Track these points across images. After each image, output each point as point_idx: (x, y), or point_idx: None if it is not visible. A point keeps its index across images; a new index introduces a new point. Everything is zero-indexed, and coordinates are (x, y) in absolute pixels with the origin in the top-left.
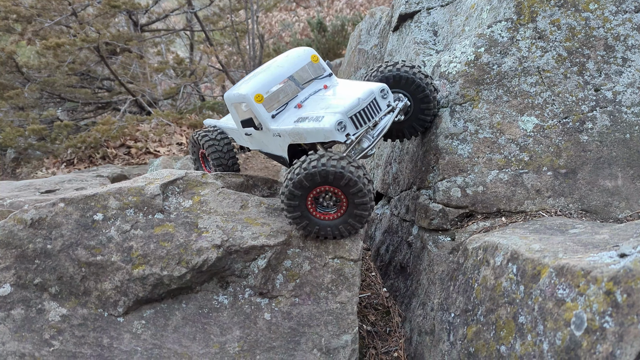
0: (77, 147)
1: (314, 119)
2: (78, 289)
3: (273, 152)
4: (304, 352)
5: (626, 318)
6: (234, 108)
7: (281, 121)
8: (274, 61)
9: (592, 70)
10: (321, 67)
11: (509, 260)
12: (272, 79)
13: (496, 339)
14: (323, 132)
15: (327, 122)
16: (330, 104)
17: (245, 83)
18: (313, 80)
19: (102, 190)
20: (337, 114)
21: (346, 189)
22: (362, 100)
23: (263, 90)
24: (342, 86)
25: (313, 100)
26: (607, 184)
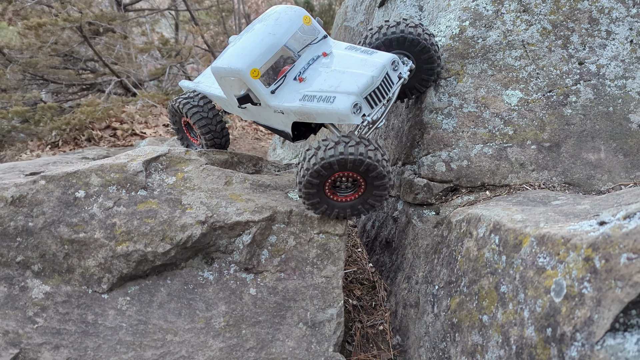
0: (61, 129)
1: (324, 99)
2: (61, 267)
3: (273, 126)
4: (289, 326)
5: (604, 283)
6: (223, 81)
7: (282, 97)
8: (263, 26)
9: (577, 43)
10: (314, 28)
11: (492, 231)
12: (267, 50)
13: (479, 309)
14: (337, 114)
15: (342, 104)
16: (341, 83)
17: (236, 55)
18: (308, 45)
19: (84, 167)
20: (352, 95)
21: (365, 173)
22: (375, 79)
23: (259, 64)
24: (345, 56)
25: (315, 72)
26: (590, 157)
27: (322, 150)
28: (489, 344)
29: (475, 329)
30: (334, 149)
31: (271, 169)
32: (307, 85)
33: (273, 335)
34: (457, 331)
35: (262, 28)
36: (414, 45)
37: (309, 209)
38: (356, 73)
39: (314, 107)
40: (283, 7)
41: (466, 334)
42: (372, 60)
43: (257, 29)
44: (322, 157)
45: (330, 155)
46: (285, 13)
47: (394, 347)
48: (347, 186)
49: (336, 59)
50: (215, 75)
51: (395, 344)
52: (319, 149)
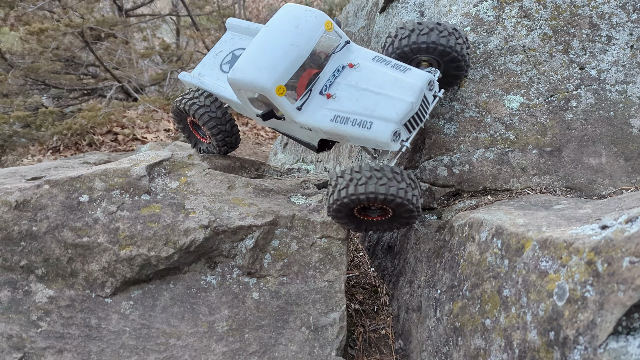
0: (62, 134)
1: (359, 123)
2: (65, 271)
3: (296, 137)
4: (292, 330)
5: (607, 287)
6: (242, 93)
7: (310, 114)
8: (283, 34)
9: (577, 48)
10: (336, 34)
11: (494, 235)
12: (291, 64)
13: (481, 313)
14: (375, 141)
15: (381, 133)
16: (377, 107)
17: (258, 68)
18: (332, 54)
19: (88, 171)
20: (391, 123)
21: (395, 208)
22: (414, 105)
23: (284, 80)
24: (375, 70)
25: (344, 88)
26: (592, 161)
27: (353, 186)
28: (492, 348)
29: (477, 332)
30: (365, 186)
31: (273, 173)
32: (337, 104)
33: (276, 340)
34: (459, 335)
35: (282, 36)
36: (444, 55)
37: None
38: (393, 97)
39: (348, 130)
40: (302, 11)
41: (469, 338)
42: (407, 82)
43: (276, 36)
44: (352, 193)
45: (360, 193)
46: (306, 19)
47: (396, 351)
48: (377, 209)
49: (365, 73)
50: (232, 87)
51: (398, 348)
52: (350, 181)
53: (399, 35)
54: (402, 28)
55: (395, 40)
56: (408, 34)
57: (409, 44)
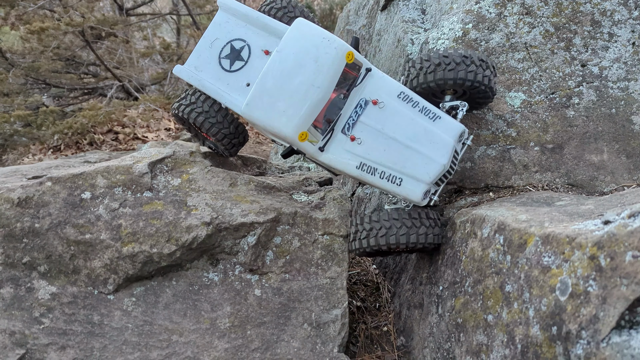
0: (63, 133)
1: (388, 177)
2: (67, 267)
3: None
4: (294, 327)
5: (609, 281)
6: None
7: (334, 155)
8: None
9: (579, 45)
10: (357, 62)
11: (496, 231)
12: (313, 109)
13: (483, 309)
14: (405, 198)
15: (412, 193)
16: (407, 163)
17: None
18: (352, 88)
19: (90, 168)
20: (422, 184)
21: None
22: (446, 166)
23: (306, 126)
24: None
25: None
26: (593, 158)
27: (374, 237)
28: (494, 344)
29: (480, 328)
30: (385, 238)
31: (275, 171)
32: (363, 151)
33: (278, 336)
34: (461, 331)
35: (301, 72)
36: (458, 85)
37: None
38: (424, 155)
39: (376, 182)
40: (320, 40)
41: (471, 334)
42: (439, 137)
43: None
44: (374, 244)
45: (382, 244)
46: (325, 51)
47: (398, 348)
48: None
49: (391, 116)
50: (248, 120)
51: (400, 344)
52: (371, 232)
53: (424, 68)
54: (427, 60)
55: (420, 73)
56: (434, 68)
57: (434, 79)
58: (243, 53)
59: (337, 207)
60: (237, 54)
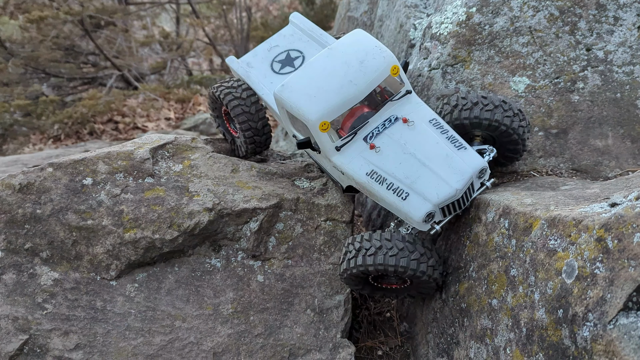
0: (63, 122)
1: (395, 189)
2: (69, 254)
3: (327, 171)
4: (297, 313)
5: (617, 263)
6: (284, 111)
7: (347, 158)
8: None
9: (584, 29)
10: (399, 80)
11: (501, 215)
12: (343, 102)
13: (488, 293)
14: (405, 215)
15: (414, 210)
16: (419, 179)
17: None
18: (388, 101)
19: (91, 154)
20: (428, 202)
21: (409, 278)
22: (459, 192)
23: (331, 117)
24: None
25: (391, 145)
26: (598, 143)
27: (362, 256)
28: (499, 328)
29: (484, 313)
30: (373, 257)
31: (277, 157)
32: (378, 159)
33: (281, 322)
34: (465, 316)
35: (343, 68)
36: (492, 129)
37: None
38: (439, 176)
39: (381, 192)
40: (372, 46)
41: (475, 319)
42: (459, 164)
43: (338, 65)
44: (360, 264)
45: (369, 264)
46: (373, 57)
47: (401, 333)
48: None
49: (417, 135)
50: (277, 103)
51: (403, 330)
52: (359, 252)
53: (459, 105)
54: (464, 98)
55: (455, 110)
56: (470, 106)
57: (469, 117)
58: (296, 61)
59: (339, 193)
60: (290, 61)
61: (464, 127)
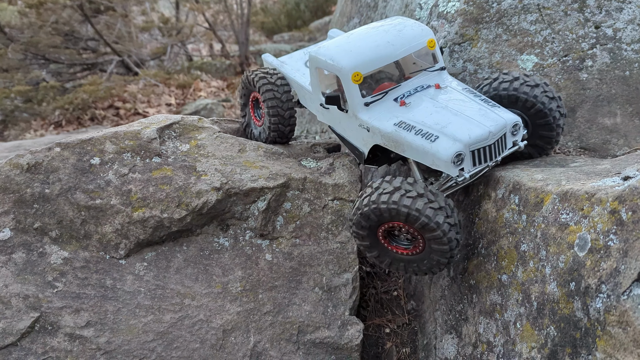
0: (64, 108)
1: (424, 134)
2: (78, 233)
3: (349, 139)
4: (305, 291)
5: (631, 234)
6: (316, 72)
7: (376, 114)
8: (383, 32)
9: (593, 7)
10: (435, 55)
11: (511, 191)
12: (379, 58)
13: (497, 269)
14: (433, 157)
15: (444, 149)
16: (450, 124)
17: (343, 50)
18: (422, 71)
19: (98, 134)
20: (458, 142)
21: (422, 231)
22: (492, 135)
23: (364, 69)
24: (461, 97)
25: (422, 101)
26: (606, 121)
27: (377, 195)
28: (509, 303)
29: (493, 289)
30: (388, 195)
31: None
32: (407, 112)
33: (290, 300)
34: (474, 292)
35: (381, 33)
36: (528, 107)
37: (361, 249)
38: (472, 119)
39: (409, 138)
40: (411, 21)
41: (484, 295)
42: (493, 114)
43: (375, 32)
44: (374, 202)
45: (383, 202)
46: (411, 27)
47: (408, 312)
48: (405, 238)
49: (449, 95)
50: (310, 62)
51: (410, 309)
52: (374, 192)
53: (499, 78)
54: (506, 74)
55: (495, 82)
56: (511, 79)
57: (508, 88)
58: None
59: (346, 172)
60: None
61: (500, 101)
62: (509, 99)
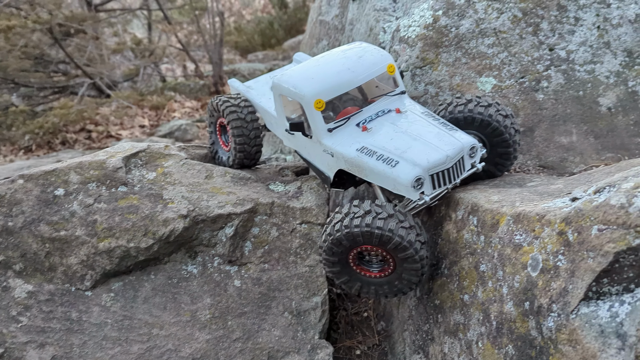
0: (34, 132)
1: (385, 159)
2: (43, 265)
3: (314, 164)
4: (275, 316)
5: (577, 255)
6: (280, 98)
7: (339, 140)
8: (343, 59)
9: (546, 30)
10: (395, 80)
11: (470, 212)
12: (340, 84)
13: (459, 289)
14: (394, 182)
15: (404, 174)
16: (410, 149)
17: (305, 77)
18: (382, 96)
19: (62, 165)
20: (418, 167)
21: (394, 252)
22: (449, 159)
23: (326, 96)
24: (420, 121)
25: (383, 126)
26: (563, 140)
27: (349, 219)
28: (471, 322)
29: (457, 308)
30: (360, 219)
31: None
32: (369, 137)
33: (259, 325)
34: (439, 312)
35: (342, 60)
36: (484, 126)
37: (330, 277)
38: (430, 144)
39: (371, 164)
40: (370, 46)
41: (448, 314)
42: (450, 137)
43: (336, 58)
44: (346, 226)
45: (355, 225)
46: (371, 53)
47: (378, 332)
48: (376, 260)
49: (409, 120)
50: (273, 89)
51: (380, 329)
52: (346, 217)
53: (454, 102)
54: (459, 97)
55: (450, 106)
56: (465, 102)
57: (464, 111)
58: None
59: (314, 195)
60: None
61: (457, 123)
62: (465, 121)
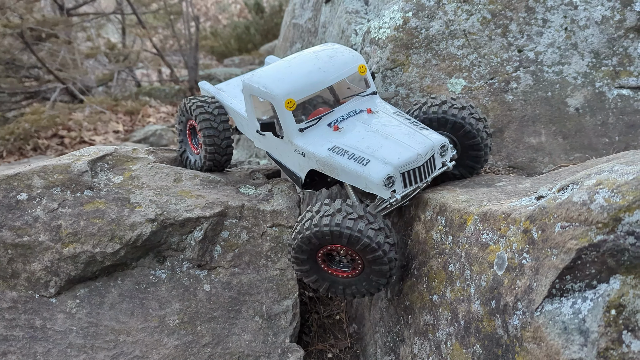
0: (5, 139)
1: (356, 158)
2: (5, 272)
3: (285, 165)
4: (245, 320)
5: (541, 252)
6: (251, 99)
7: (310, 139)
8: (314, 59)
9: (515, 32)
10: (367, 81)
11: (438, 213)
12: (311, 84)
13: (429, 290)
14: (365, 181)
15: (375, 172)
16: (381, 148)
17: (275, 77)
18: (353, 96)
19: (25, 169)
20: (389, 165)
21: (363, 253)
22: (420, 157)
23: (297, 96)
24: (392, 120)
25: (354, 126)
26: (532, 140)
27: (318, 217)
28: (440, 322)
29: (426, 309)
30: (330, 218)
31: None
32: (340, 137)
33: (229, 330)
34: (409, 313)
35: (313, 60)
36: (457, 129)
37: (299, 275)
38: (401, 143)
39: (342, 163)
40: (342, 47)
41: (418, 315)
42: (420, 136)
43: (307, 59)
44: (315, 225)
45: (325, 224)
46: (342, 54)
47: (350, 335)
48: (344, 260)
49: (380, 120)
50: (244, 90)
51: (352, 332)
52: (316, 215)
53: (428, 102)
54: (434, 98)
55: (424, 106)
56: (439, 103)
57: (437, 112)
58: None
59: (285, 198)
60: None
61: (430, 124)
62: (438, 122)
